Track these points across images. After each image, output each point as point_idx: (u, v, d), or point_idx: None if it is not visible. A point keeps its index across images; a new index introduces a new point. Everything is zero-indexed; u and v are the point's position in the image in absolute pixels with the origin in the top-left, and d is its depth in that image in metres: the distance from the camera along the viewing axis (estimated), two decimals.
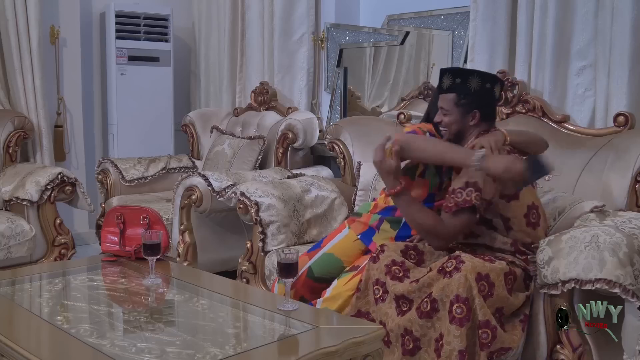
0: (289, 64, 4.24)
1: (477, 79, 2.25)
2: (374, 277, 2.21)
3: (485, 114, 2.28)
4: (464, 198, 2.11)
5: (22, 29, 3.94)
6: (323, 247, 2.55)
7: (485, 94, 2.26)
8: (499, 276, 2.04)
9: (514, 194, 2.18)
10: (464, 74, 2.29)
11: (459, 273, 1.98)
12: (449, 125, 2.30)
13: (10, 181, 3.50)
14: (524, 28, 2.88)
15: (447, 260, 2.06)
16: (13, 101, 4.03)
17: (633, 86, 2.59)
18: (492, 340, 1.96)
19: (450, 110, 2.29)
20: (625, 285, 1.86)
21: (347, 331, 1.80)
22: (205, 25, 4.82)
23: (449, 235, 2.19)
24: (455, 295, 1.96)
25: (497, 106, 2.36)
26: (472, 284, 1.97)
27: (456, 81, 2.27)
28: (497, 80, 2.31)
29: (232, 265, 3.22)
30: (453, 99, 2.27)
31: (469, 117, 2.27)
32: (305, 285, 2.45)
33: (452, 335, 1.95)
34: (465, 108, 2.26)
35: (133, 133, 4.64)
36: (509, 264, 2.13)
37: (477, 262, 2.02)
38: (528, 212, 2.22)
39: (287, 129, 3.86)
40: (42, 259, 3.46)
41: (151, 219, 2.60)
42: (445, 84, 2.30)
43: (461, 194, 2.12)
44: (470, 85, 2.25)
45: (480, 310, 1.96)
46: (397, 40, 3.86)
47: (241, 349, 1.76)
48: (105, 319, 2.05)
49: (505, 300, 2.05)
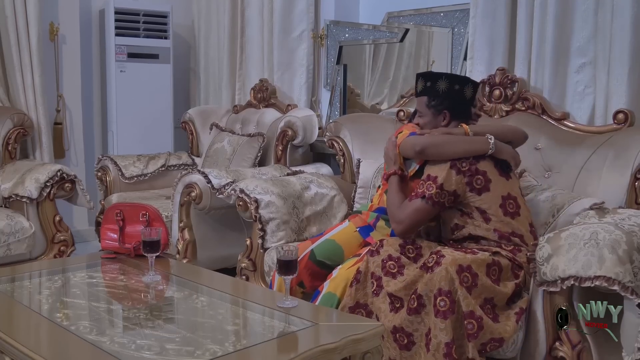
0: (289, 61, 4.24)
1: (446, 81, 2.38)
2: (370, 271, 2.25)
3: (456, 114, 2.39)
4: (423, 190, 2.27)
5: (22, 26, 3.94)
6: (325, 234, 2.57)
7: (454, 95, 2.38)
8: (480, 267, 2.08)
9: (483, 186, 2.26)
10: (434, 77, 2.42)
11: (440, 267, 2.02)
12: (424, 126, 2.44)
13: (10, 178, 3.50)
14: (524, 25, 2.88)
15: (428, 256, 2.12)
16: (12, 98, 4.03)
17: (633, 84, 2.59)
18: (478, 330, 1.99)
19: (423, 112, 2.45)
20: (624, 282, 1.86)
21: (347, 328, 1.81)
22: (205, 22, 4.81)
23: (400, 220, 2.31)
24: (438, 289, 2.00)
25: (471, 106, 2.44)
26: (454, 276, 2.01)
27: (427, 84, 2.41)
28: (467, 82, 2.42)
29: (232, 263, 3.22)
30: (424, 101, 2.43)
31: (440, 118, 2.40)
32: (306, 268, 2.44)
33: (437, 328, 1.98)
34: (435, 109, 2.40)
35: (132, 130, 4.64)
36: (493, 255, 2.16)
37: (457, 255, 2.07)
38: (504, 202, 2.27)
39: (286, 126, 3.86)
40: (41, 256, 3.46)
41: (151, 216, 2.60)
42: (418, 88, 2.45)
43: (422, 185, 2.28)
44: (438, 87, 2.38)
45: (464, 301, 2.00)
46: (397, 37, 3.86)
47: (241, 346, 1.76)
48: (105, 315, 2.05)
49: (492, 290, 2.07)
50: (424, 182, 2.29)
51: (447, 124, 2.39)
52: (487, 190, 2.26)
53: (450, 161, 2.26)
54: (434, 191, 2.24)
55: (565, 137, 2.70)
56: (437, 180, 2.25)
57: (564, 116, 2.77)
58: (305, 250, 2.47)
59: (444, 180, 2.24)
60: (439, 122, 2.40)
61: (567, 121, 2.76)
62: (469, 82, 2.42)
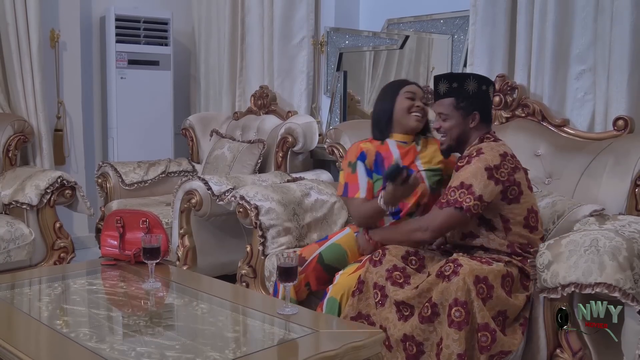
0: (289, 68, 4.24)
1: (474, 82, 2.32)
2: (373, 281, 2.22)
3: (484, 115, 2.34)
4: (456, 198, 2.18)
5: (22, 33, 3.94)
6: (330, 239, 2.57)
7: (482, 95, 2.33)
8: (496, 278, 2.05)
9: (515, 197, 2.21)
10: (460, 77, 2.36)
11: (457, 277, 1.98)
12: (449, 130, 2.34)
13: (10, 185, 3.50)
14: (524, 32, 2.88)
15: (445, 264, 2.06)
16: (13, 105, 4.04)
17: (632, 90, 2.59)
18: (491, 343, 1.97)
19: (449, 115, 2.33)
20: (625, 289, 1.86)
21: (347, 335, 1.80)
22: (205, 29, 4.82)
23: (433, 228, 2.25)
24: (454, 299, 1.97)
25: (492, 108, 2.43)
26: (471, 287, 1.98)
27: (453, 85, 2.32)
28: (490, 82, 2.39)
29: (232, 269, 3.22)
30: (452, 103, 2.32)
31: (469, 120, 2.32)
32: (314, 271, 2.47)
33: (450, 338, 1.95)
34: (465, 110, 2.31)
35: (133, 137, 4.64)
36: (506, 265, 2.14)
37: (474, 265, 2.03)
38: (527, 215, 2.24)
39: (286, 132, 3.86)
40: (41, 262, 3.45)
41: (151, 223, 2.60)
42: (442, 90, 2.34)
43: (454, 192, 2.19)
44: (467, 88, 2.31)
45: (480, 314, 1.97)
46: (397, 44, 3.87)
47: (241, 353, 1.76)
48: (105, 322, 2.05)
49: (506, 302, 2.05)
50: (456, 189, 2.19)
51: (475, 125, 2.32)
52: (517, 202, 2.22)
53: (487, 168, 2.17)
54: (472, 203, 2.15)
55: (565, 143, 2.70)
56: (474, 190, 2.16)
57: (564, 123, 2.77)
58: (313, 254, 2.49)
59: (482, 191, 2.16)
60: (467, 124, 2.32)
61: (567, 128, 2.76)
62: (491, 82, 2.39)
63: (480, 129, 2.33)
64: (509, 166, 2.21)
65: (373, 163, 2.56)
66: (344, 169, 2.62)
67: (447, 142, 2.36)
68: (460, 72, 2.56)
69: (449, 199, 2.20)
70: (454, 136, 2.34)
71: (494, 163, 2.18)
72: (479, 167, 2.17)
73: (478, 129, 2.33)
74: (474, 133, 2.33)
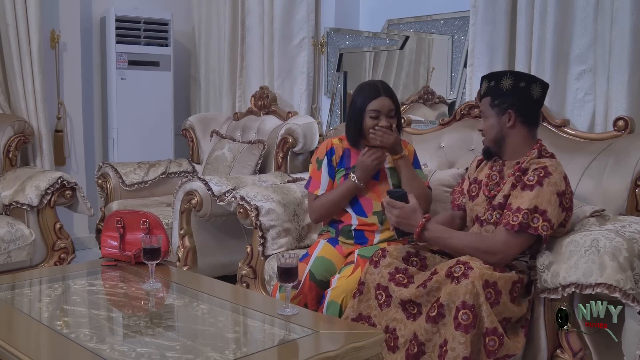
0: (289, 69, 4.24)
1: (510, 78, 2.20)
2: (375, 282, 2.21)
3: (523, 115, 2.20)
4: (529, 222, 2.04)
5: (23, 33, 3.95)
6: (312, 254, 2.57)
7: (519, 93, 2.19)
8: (506, 284, 2.02)
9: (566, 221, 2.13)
10: (498, 75, 2.25)
11: (467, 280, 1.95)
12: (487, 130, 2.27)
13: (10, 185, 3.50)
14: (524, 32, 2.88)
15: (455, 264, 2.03)
16: (13, 105, 4.04)
17: (632, 90, 2.59)
18: (498, 347, 1.95)
19: (487, 114, 2.26)
20: (625, 289, 1.86)
21: (347, 336, 1.80)
22: (205, 29, 4.83)
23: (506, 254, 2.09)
24: (462, 301, 1.94)
25: (539, 109, 2.28)
26: (479, 291, 1.95)
27: (491, 84, 2.25)
28: (535, 80, 2.22)
29: (232, 270, 3.22)
30: (488, 102, 2.25)
31: (505, 118, 2.21)
32: (310, 290, 2.44)
33: (457, 341, 1.93)
34: (499, 108, 2.21)
35: (133, 137, 4.64)
36: (519, 273, 2.11)
37: (485, 270, 2.00)
38: (553, 230, 2.13)
39: (287, 133, 3.86)
40: (41, 263, 3.46)
41: (151, 224, 2.60)
42: (482, 90, 2.29)
43: (527, 216, 2.04)
44: (502, 85, 2.20)
45: (488, 318, 1.94)
46: (397, 44, 3.87)
47: (241, 353, 1.76)
48: (105, 323, 2.04)
49: (511, 310, 2.04)
50: (529, 213, 2.03)
51: (512, 125, 2.20)
52: (564, 227, 2.13)
53: (558, 194, 2.06)
54: (549, 232, 2.04)
55: (566, 144, 2.70)
56: (548, 217, 2.04)
57: (564, 123, 2.77)
58: (303, 273, 2.46)
59: (555, 218, 2.05)
60: (503, 124, 2.21)
61: (567, 128, 2.76)
62: (537, 80, 2.21)
63: (521, 132, 2.22)
64: (570, 191, 2.13)
65: (340, 158, 2.65)
66: (312, 163, 2.72)
67: (486, 143, 2.29)
68: (500, 70, 2.45)
69: (521, 221, 2.04)
70: (491, 137, 2.25)
71: (561, 188, 2.08)
72: (552, 191, 2.06)
73: (519, 132, 2.21)
74: (513, 135, 2.22)
